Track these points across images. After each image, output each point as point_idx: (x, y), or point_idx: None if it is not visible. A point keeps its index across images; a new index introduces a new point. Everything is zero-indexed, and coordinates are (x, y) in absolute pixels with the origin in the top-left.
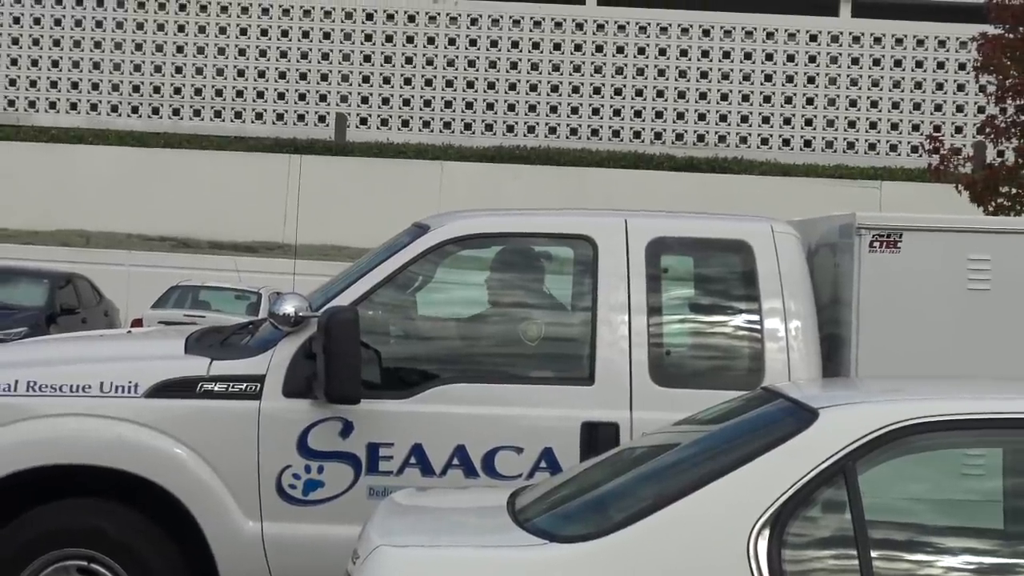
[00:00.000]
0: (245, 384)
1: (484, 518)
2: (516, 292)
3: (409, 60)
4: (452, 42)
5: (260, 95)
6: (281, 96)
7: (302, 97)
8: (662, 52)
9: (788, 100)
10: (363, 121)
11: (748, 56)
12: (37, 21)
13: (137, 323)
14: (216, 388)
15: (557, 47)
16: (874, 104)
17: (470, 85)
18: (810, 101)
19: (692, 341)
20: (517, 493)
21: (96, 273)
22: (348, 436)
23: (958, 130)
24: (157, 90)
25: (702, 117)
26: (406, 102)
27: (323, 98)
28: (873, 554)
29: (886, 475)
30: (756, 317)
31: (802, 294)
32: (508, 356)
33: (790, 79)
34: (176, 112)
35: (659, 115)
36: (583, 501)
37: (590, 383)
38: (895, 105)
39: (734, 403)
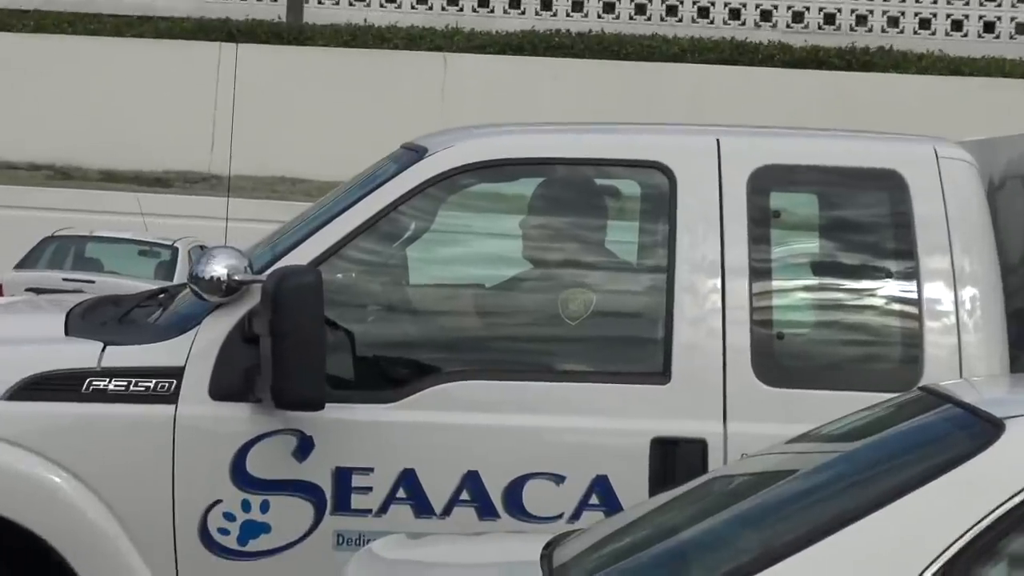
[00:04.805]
0: (154, 380)
1: None
2: (554, 246)
3: None
4: None
5: None
6: None
7: None
8: None
9: None
10: None
11: None
12: None
13: None
14: (111, 387)
15: None
16: None
17: None
18: None
19: (816, 319)
20: (556, 543)
21: None
22: (306, 458)
23: None
24: None
25: None
26: None
27: None
28: None
29: None
30: (911, 284)
31: (980, 249)
32: (542, 341)
33: None
34: None
35: None
36: (654, 556)
37: (664, 380)
38: None
39: (879, 411)
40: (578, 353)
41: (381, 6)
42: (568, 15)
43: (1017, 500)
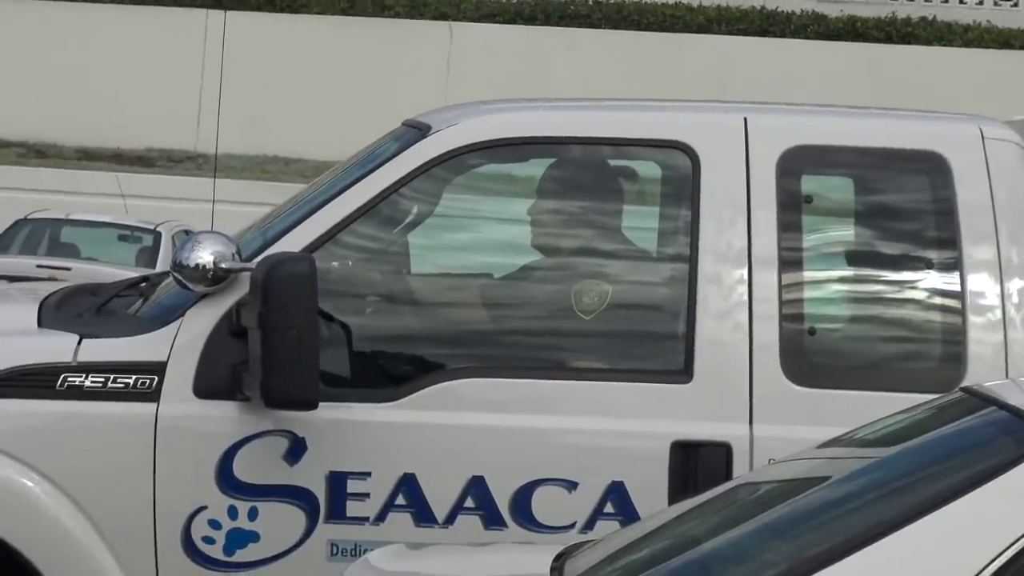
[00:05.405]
0: (134, 377)
1: None
2: (567, 233)
3: None
4: None
5: None
6: None
7: None
8: None
9: None
10: None
11: None
12: None
13: None
14: (88, 383)
15: None
16: None
17: None
18: None
19: (850, 313)
20: (568, 555)
21: None
22: (298, 461)
23: None
24: None
25: None
26: None
27: None
28: None
29: None
30: (954, 276)
31: None
32: (554, 335)
33: None
34: None
35: None
36: (674, 570)
37: (686, 379)
38: None
39: (917, 414)
40: (592, 349)
41: None
42: None
43: None
